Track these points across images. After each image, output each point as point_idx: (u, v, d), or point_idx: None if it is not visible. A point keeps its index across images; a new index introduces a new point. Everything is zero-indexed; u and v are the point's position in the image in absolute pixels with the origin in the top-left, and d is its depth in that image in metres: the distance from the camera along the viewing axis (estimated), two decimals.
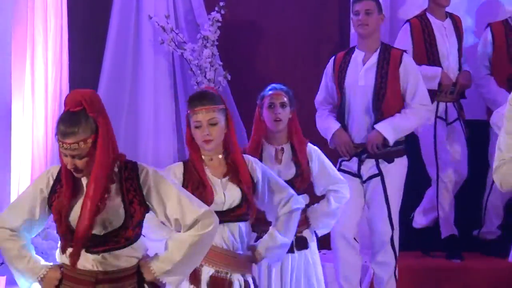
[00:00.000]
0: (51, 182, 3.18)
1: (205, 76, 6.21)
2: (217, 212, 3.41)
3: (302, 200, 3.79)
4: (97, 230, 3.10)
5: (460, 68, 5.96)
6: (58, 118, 3.12)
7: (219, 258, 3.59)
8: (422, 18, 5.97)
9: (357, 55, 5.18)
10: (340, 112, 5.19)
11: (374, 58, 5.10)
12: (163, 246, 3.27)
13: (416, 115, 5.08)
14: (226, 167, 3.63)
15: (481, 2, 6.52)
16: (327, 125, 5.21)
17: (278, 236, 3.66)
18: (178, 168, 3.70)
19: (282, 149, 4.31)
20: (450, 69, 5.90)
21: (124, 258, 3.13)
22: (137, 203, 3.13)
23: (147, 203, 3.16)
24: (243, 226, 3.63)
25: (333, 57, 5.32)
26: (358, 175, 5.13)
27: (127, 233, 3.11)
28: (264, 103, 4.34)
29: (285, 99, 4.33)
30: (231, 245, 3.60)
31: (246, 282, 3.62)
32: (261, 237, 3.78)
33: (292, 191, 3.72)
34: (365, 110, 5.09)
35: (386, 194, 5.06)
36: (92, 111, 3.08)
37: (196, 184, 3.61)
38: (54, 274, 3.18)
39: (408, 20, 5.99)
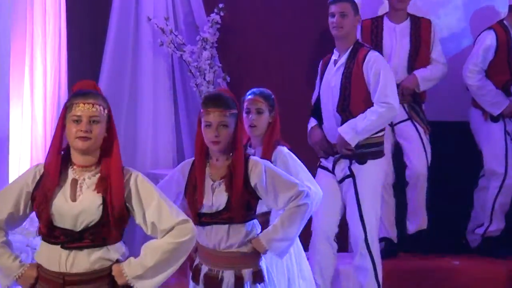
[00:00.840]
0: (38, 178, 3.19)
1: (204, 78, 6.21)
2: (207, 214, 3.57)
3: (313, 197, 3.74)
4: (73, 225, 3.11)
5: (410, 71, 5.92)
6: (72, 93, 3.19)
7: (209, 257, 3.67)
8: (376, 20, 6.04)
9: (333, 56, 5.20)
10: (318, 112, 5.22)
11: (343, 58, 5.11)
12: None
13: (374, 114, 4.97)
14: (227, 170, 3.65)
15: (475, 8, 6.49)
16: (309, 124, 5.26)
17: (281, 228, 3.65)
18: (187, 164, 3.77)
19: (255, 153, 4.30)
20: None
21: (97, 259, 3.14)
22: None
23: (127, 204, 3.17)
24: (236, 228, 3.64)
25: (322, 59, 5.35)
26: (331, 171, 5.14)
27: (104, 232, 3.12)
28: (243, 108, 4.36)
29: (262, 105, 4.34)
30: (218, 245, 3.63)
31: (238, 277, 3.64)
32: None
33: (302, 188, 3.67)
34: (335, 110, 5.09)
35: (357, 195, 5.02)
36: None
37: (193, 183, 3.68)
38: (31, 272, 3.19)
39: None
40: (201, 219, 3.64)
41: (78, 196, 3.14)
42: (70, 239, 3.11)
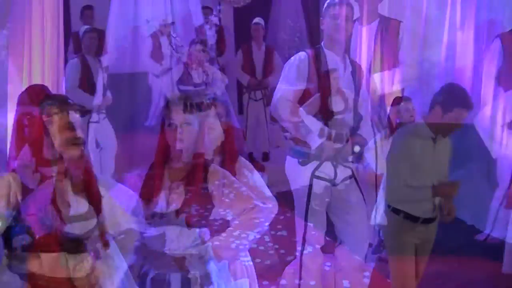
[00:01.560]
0: (20, 186, 3.12)
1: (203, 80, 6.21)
2: (159, 214, 3.57)
3: (268, 212, 3.77)
4: (78, 230, 3.12)
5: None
6: (48, 97, 3.18)
7: (157, 260, 3.63)
8: None
9: (333, 58, 5.04)
10: (320, 113, 5.04)
11: (348, 64, 5.08)
12: None
13: (368, 121, 5.18)
14: (186, 172, 3.66)
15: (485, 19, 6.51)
16: (319, 126, 5.03)
17: (230, 237, 3.66)
18: (144, 168, 3.79)
19: (213, 159, 4.22)
20: None
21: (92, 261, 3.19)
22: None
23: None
24: (187, 230, 3.63)
25: (306, 55, 5.06)
26: (332, 179, 5.05)
27: (99, 233, 3.18)
28: None
29: (219, 110, 4.31)
30: (168, 247, 3.60)
31: (186, 279, 3.62)
32: None
33: (257, 202, 3.71)
34: (346, 114, 5.04)
35: (362, 193, 5.03)
36: None
37: (150, 184, 3.67)
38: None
39: None
40: (153, 218, 3.62)
41: (71, 202, 3.13)
42: (75, 245, 3.12)
